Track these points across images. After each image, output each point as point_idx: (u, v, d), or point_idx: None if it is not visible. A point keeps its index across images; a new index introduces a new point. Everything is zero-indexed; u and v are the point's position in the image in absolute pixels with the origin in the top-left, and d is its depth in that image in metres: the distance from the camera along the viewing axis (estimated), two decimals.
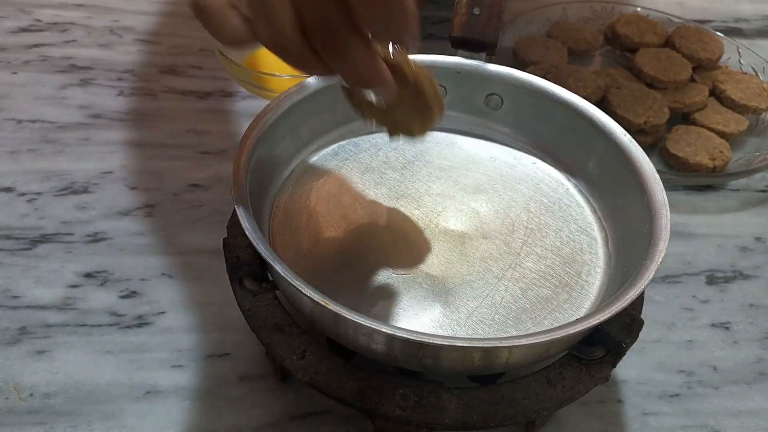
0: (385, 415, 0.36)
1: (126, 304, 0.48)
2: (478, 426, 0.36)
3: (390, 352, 0.36)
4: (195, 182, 0.56)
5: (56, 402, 0.42)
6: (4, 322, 0.46)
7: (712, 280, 0.53)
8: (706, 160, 0.59)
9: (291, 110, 0.45)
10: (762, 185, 0.62)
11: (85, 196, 0.55)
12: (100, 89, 0.64)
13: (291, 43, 0.31)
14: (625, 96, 0.62)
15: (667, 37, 0.71)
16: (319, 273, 0.41)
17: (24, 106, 0.62)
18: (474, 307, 0.40)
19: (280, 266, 0.35)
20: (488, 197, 0.47)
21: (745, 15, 0.83)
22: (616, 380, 0.46)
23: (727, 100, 0.65)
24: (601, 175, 0.47)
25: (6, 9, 0.73)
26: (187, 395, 0.43)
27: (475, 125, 0.51)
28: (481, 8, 0.48)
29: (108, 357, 0.45)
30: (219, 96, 0.65)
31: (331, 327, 0.37)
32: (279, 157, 0.46)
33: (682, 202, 0.59)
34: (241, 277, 0.40)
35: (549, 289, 0.41)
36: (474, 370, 0.37)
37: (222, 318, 0.47)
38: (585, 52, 0.71)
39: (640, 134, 0.60)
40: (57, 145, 0.59)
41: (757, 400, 0.46)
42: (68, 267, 0.49)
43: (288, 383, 0.44)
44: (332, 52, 0.31)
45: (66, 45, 0.69)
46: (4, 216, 0.52)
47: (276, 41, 0.31)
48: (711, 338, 0.49)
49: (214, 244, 0.51)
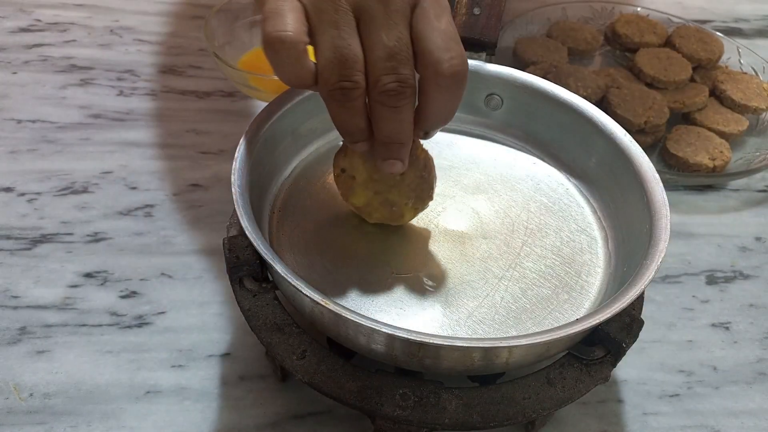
0: (385, 415, 0.36)
1: (126, 304, 0.48)
2: (478, 426, 0.36)
3: (390, 352, 0.36)
4: (195, 182, 0.56)
5: (56, 402, 0.42)
6: (4, 322, 0.46)
7: (712, 280, 0.53)
8: (706, 160, 0.59)
9: (291, 110, 0.45)
10: (762, 185, 0.62)
11: (85, 196, 0.55)
12: (100, 89, 0.64)
13: (355, 94, 0.34)
14: (625, 96, 0.62)
15: (667, 37, 0.71)
16: (319, 273, 0.41)
17: (24, 106, 0.62)
18: (474, 307, 0.40)
19: (280, 266, 0.35)
20: (488, 197, 0.47)
21: (745, 15, 0.83)
22: (616, 380, 0.46)
23: (727, 100, 0.65)
24: (601, 175, 0.47)
25: (6, 9, 0.73)
26: (187, 395, 0.43)
27: (475, 125, 0.51)
28: (481, 8, 0.48)
29: (108, 357, 0.45)
30: (219, 96, 0.65)
31: (331, 327, 0.37)
32: (279, 157, 0.46)
33: (682, 202, 0.59)
34: (241, 277, 0.40)
35: (549, 289, 0.41)
36: (474, 370, 0.37)
37: (222, 318, 0.47)
38: (585, 52, 0.71)
39: (640, 134, 0.60)
40: (57, 145, 0.59)
41: (757, 400, 0.46)
42: (68, 267, 0.49)
43: (288, 383, 0.44)
44: (390, 108, 0.34)
45: (66, 45, 0.69)
46: (4, 216, 0.52)
47: (342, 90, 0.33)
48: (711, 338, 0.49)
49: (214, 244, 0.51)
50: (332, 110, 0.35)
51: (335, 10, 0.33)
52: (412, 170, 0.40)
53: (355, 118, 0.35)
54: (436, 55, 0.34)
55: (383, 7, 0.33)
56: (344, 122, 0.35)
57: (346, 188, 0.41)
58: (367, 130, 0.36)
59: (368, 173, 0.40)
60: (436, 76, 0.34)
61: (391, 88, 0.33)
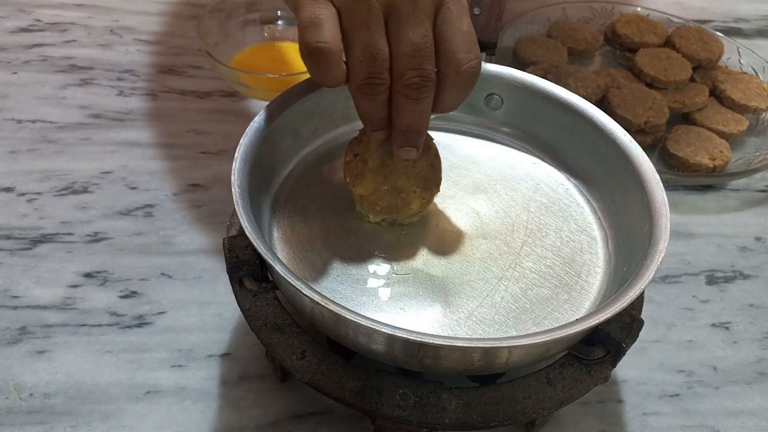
0: (385, 415, 0.36)
1: (126, 304, 0.48)
2: (478, 426, 0.36)
3: (390, 353, 0.36)
4: (195, 182, 0.56)
5: (56, 402, 0.42)
6: (4, 322, 0.46)
7: (712, 280, 0.53)
8: (706, 160, 0.59)
9: (291, 110, 0.45)
10: (762, 185, 0.62)
11: (85, 196, 0.55)
12: (100, 89, 0.64)
13: (381, 89, 0.37)
14: (625, 96, 0.62)
15: (667, 37, 0.71)
16: (318, 273, 0.41)
17: (24, 106, 0.62)
18: (474, 307, 0.40)
19: (280, 266, 0.35)
20: (488, 197, 0.47)
21: (745, 15, 0.83)
22: (616, 380, 0.46)
23: (727, 100, 0.65)
24: (601, 175, 0.47)
25: (6, 9, 0.73)
26: (187, 395, 0.43)
27: (475, 125, 0.51)
28: (481, 8, 0.48)
29: (108, 357, 0.45)
30: (219, 96, 0.65)
31: (331, 327, 0.37)
32: (279, 157, 0.46)
33: (682, 202, 0.59)
34: (241, 277, 0.40)
35: (549, 289, 0.41)
36: (474, 371, 0.37)
37: (222, 318, 0.47)
38: (585, 52, 0.71)
39: (640, 134, 0.60)
40: (57, 145, 0.59)
41: (757, 400, 0.46)
42: (68, 267, 0.49)
43: (288, 383, 0.44)
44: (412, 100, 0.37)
45: (66, 45, 0.69)
46: (4, 216, 0.53)
47: (370, 86, 0.36)
48: (711, 338, 0.49)
49: (214, 244, 0.51)
50: (358, 102, 0.38)
51: (368, 10, 0.36)
52: (424, 158, 0.42)
53: (379, 109, 0.38)
54: (458, 57, 0.37)
55: (411, 7, 0.36)
56: (368, 113, 0.39)
57: (356, 174, 0.42)
58: (387, 119, 0.39)
59: (381, 159, 0.42)
60: (456, 74, 0.37)
61: (414, 82, 0.36)
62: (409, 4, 0.36)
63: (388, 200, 0.42)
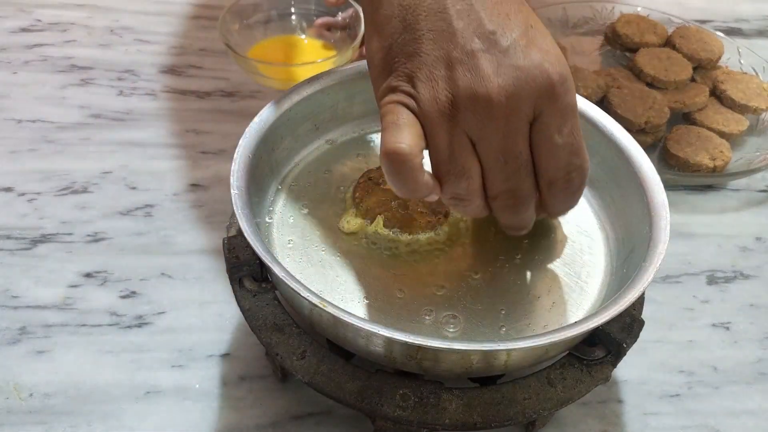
0: (385, 416, 0.36)
1: (126, 304, 0.48)
2: (478, 426, 0.36)
3: (389, 355, 0.36)
4: (195, 182, 0.56)
5: (56, 402, 0.42)
6: (4, 322, 0.46)
7: (713, 280, 0.53)
8: (706, 160, 0.59)
9: (291, 110, 0.45)
10: (762, 185, 0.62)
11: (85, 196, 0.55)
12: (100, 89, 0.64)
13: (475, 203, 0.36)
14: (625, 96, 0.62)
15: (667, 37, 0.71)
16: (317, 274, 0.41)
17: (24, 106, 0.62)
18: (474, 307, 0.40)
19: (278, 268, 0.35)
20: None
21: (745, 15, 0.83)
22: (616, 380, 0.46)
23: (727, 100, 0.65)
24: (601, 175, 0.46)
25: (6, 9, 0.73)
26: (187, 395, 0.43)
27: None
28: None
29: (108, 357, 0.45)
30: (219, 96, 0.65)
31: (330, 329, 0.37)
32: (279, 157, 0.46)
33: (682, 202, 0.59)
34: (241, 277, 0.40)
35: (549, 289, 0.41)
36: (473, 372, 0.37)
37: (222, 318, 0.47)
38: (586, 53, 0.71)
39: (640, 134, 0.60)
40: (57, 145, 0.59)
41: (757, 400, 0.46)
42: (68, 267, 0.49)
43: (288, 383, 0.44)
44: (512, 212, 0.37)
45: (66, 45, 0.69)
46: (4, 216, 0.53)
47: (463, 200, 0.36)
48: (711, 338, 0.49)
49: (214, 244, 0.51)
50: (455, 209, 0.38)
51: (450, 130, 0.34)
52: None
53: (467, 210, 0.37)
54: (551, 174, 0.35)
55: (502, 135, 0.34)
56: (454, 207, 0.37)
57: (365, 191, 0.43)
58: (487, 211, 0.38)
59: None
60: (551, 189, 0.36)
61: (509, 204, 0.36)
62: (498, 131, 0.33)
63: (392, 212, 0.43)
